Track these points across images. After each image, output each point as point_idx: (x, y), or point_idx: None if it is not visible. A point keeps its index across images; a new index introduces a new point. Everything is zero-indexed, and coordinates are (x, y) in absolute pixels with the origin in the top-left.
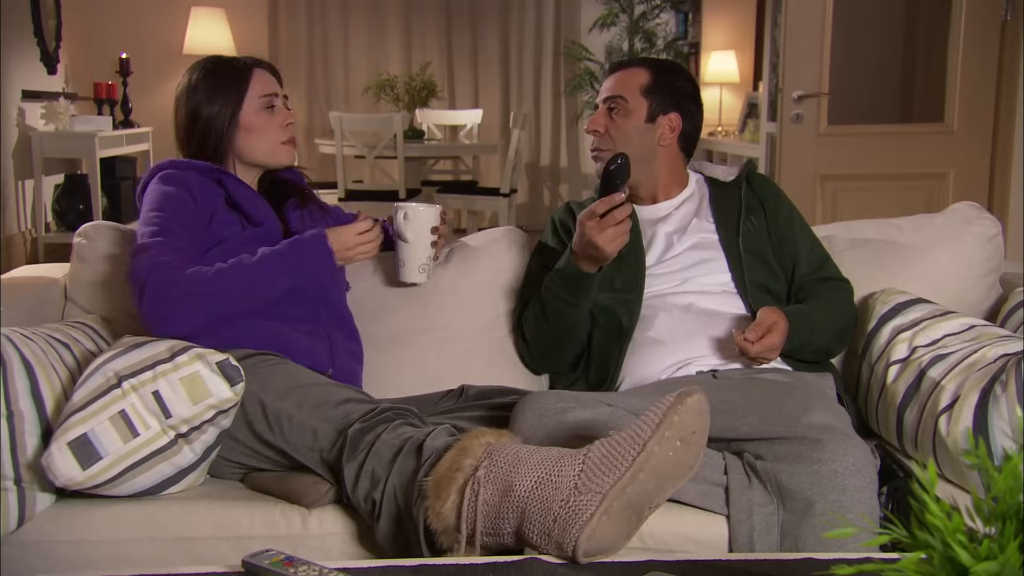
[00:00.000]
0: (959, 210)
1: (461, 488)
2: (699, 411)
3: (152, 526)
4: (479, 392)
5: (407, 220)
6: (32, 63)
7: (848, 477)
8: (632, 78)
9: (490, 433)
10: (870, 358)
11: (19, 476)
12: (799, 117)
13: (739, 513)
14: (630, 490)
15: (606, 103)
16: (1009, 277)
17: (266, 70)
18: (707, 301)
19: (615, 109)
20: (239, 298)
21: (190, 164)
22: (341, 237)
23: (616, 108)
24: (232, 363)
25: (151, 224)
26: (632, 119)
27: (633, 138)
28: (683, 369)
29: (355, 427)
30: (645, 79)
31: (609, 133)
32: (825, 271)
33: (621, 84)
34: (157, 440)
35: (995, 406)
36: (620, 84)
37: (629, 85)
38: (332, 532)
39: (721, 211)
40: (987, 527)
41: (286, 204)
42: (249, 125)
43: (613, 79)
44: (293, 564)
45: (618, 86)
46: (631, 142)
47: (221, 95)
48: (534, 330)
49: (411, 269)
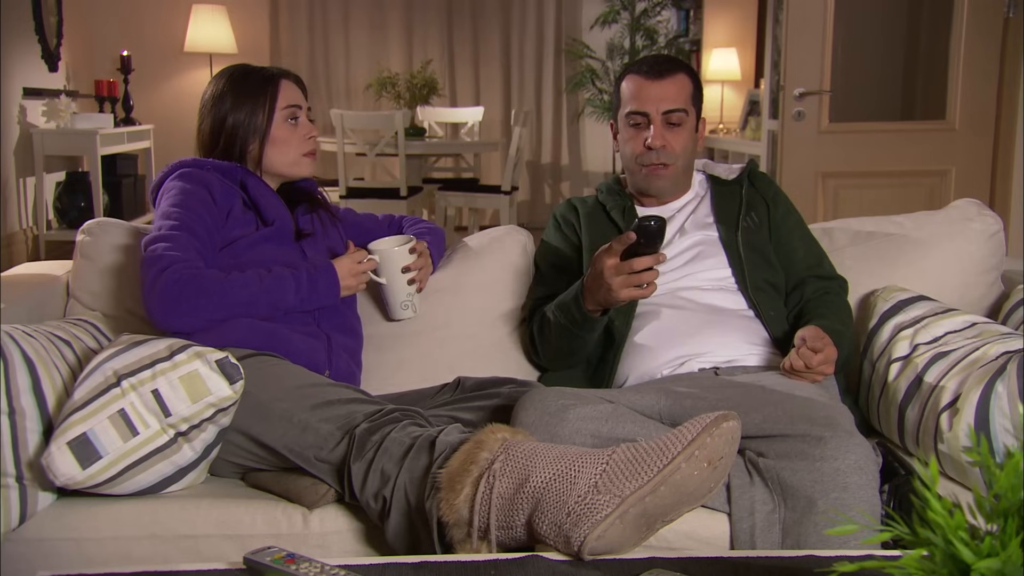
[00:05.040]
0: (960, 207)
1: (476, 481)
2: (731, 438)
3: (154, 524)
4: (476, 383)
5: (379, 262)
6: (33, 60)
7: (850, 475)
8: (684, 87)
9: (506, 429)
10: (871, 355)
11: (20, 473)
12: (800, 114)
13: (741, 511)
14: (649, 500)
15: (666, 116)
16: (1010, 274)
17: (292, 81)
18: (708, 297)
19: (676, 123)
20: (245, 305)
21: (212, 164)
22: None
23: (677, 121)
24: (231, 361)
25: (170, 218)
26: (686, 129)
27: (688, 149)
28: (685, 365)
29: (362, 427)
30: (690, 87)
31: (671, 146)
32: (822, 269)
33: (678, 95)
34: (157, 439)
35: (997, 403)
36: (677, 95)
37: (684, 95)
38: (333, 530)
39: (722, 209)
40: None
41: (298, 207)
42: (272, 136)
43: (665, 88)
44: (295, 561)
45: (676, 97)
46: (687, 153)
47: (248, 104)
48: (542, 343)
49: (394, 307)
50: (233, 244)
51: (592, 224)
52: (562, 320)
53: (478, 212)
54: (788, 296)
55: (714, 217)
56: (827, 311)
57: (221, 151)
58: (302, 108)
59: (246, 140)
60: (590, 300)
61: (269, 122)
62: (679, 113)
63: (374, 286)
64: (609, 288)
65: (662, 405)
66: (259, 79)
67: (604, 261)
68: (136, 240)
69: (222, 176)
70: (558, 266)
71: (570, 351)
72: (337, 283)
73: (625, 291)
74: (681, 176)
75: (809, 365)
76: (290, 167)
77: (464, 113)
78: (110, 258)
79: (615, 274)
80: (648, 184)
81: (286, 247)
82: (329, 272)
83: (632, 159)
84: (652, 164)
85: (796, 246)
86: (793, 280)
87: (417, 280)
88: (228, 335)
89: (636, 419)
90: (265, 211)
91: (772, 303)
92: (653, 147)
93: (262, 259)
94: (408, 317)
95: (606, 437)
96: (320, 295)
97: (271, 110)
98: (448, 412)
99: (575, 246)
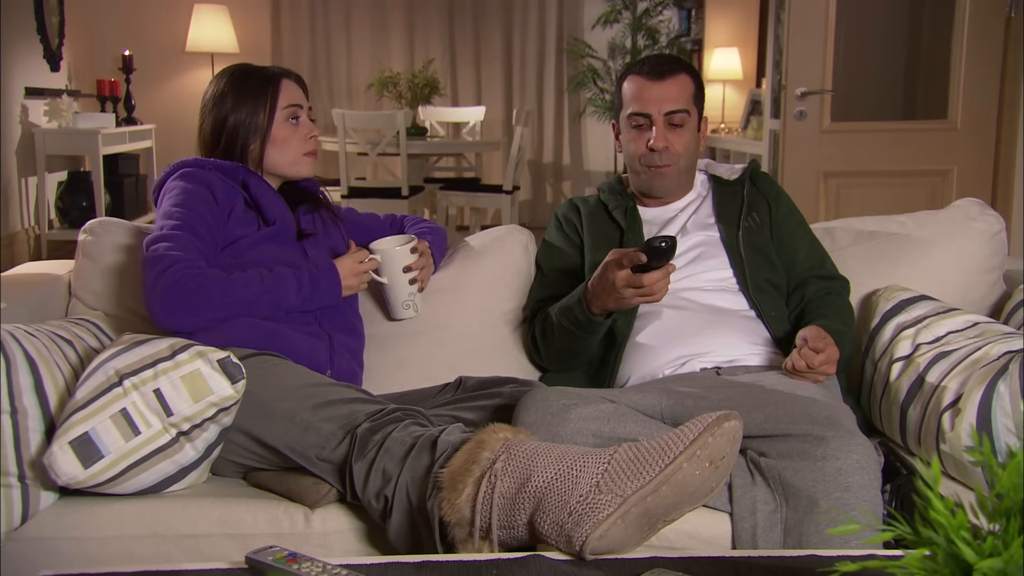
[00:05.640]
0: (962, 206)
1: (477, 480)
2: (733, 438)
3: (156, 523)
4: (477, 383)
5: (380, 262)
6: (35, 60)
7: (852, 474)
8: (685, 87)
9: (507, 429)
10: (873, 355)
11: (23, 473)
12: (802, 114)
13: (742, 510)
14: (651, 500)
15: (668, 117)
16: (1012, 274)
17: (293, 81)
18: (709, 298)
19: (679, 124)
20: (246, 304)
21: (214, 164)
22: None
23: (679, 122)
24: (233, 360)
25: (172, 218)
26: (688, 129)
27: (690, 149)
28: (686, 365)
29: (364, 427)
30: (692, 87)
31: (673, 147)
32: (824, 269)
33: (680, 95)
34: (158, 438)
35: (999, 403)
36: (679, 95)
37: (686, 96)
38: (335, 530)
39: (723, 209)
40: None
41: (300, 206)
42: (273, 136)
43: (666, 89)
44: (297, 560)
45: (678, 98)
46: (689, 153)
47: (249, 104)
48: (545, 345)
49: (395, 307)
50: (235, 244)
51: (594, 224)
52: (565, 323)
53: (479, 212)
54: (790, 296)
55: (716, 217)
56: (829, 311)
57: (222, 151)
58: (303, 108)
59: (247, 140)
60: (596, 304)
61: (270, 122)
62: (681, 114)
63: (375, 286)
64: (620, 296)
65: (664, 405)
66: (260, 79)
67: (615, 273)
68: (138, 240)
69: (224, 176)
70: (560, 266)
71: (572, 353)
72: (339, 283)
73: (637, 299)
74: (684, 176)
75: (811, 365)
76: (291, 167)
77: (466, 113)
78: (112, 258)
79: (626, 286)
80: (651, 184)
81: (288, 247)
82: (331, 272)
83: (635, 159)
84: (655, 164)
85: (798, 246)
86: (795, 280)
87: (419, 280)
88: (230, 335)
89: (638, 419)
90: (267, 211)
91: (774, 303)
92: (655, 148)
93: (263, 259)
94: (410, 317)
95: (608, 437)
96: (322, 295)
97: (272, 110)
98: (450, 412)
99: (577, 246)
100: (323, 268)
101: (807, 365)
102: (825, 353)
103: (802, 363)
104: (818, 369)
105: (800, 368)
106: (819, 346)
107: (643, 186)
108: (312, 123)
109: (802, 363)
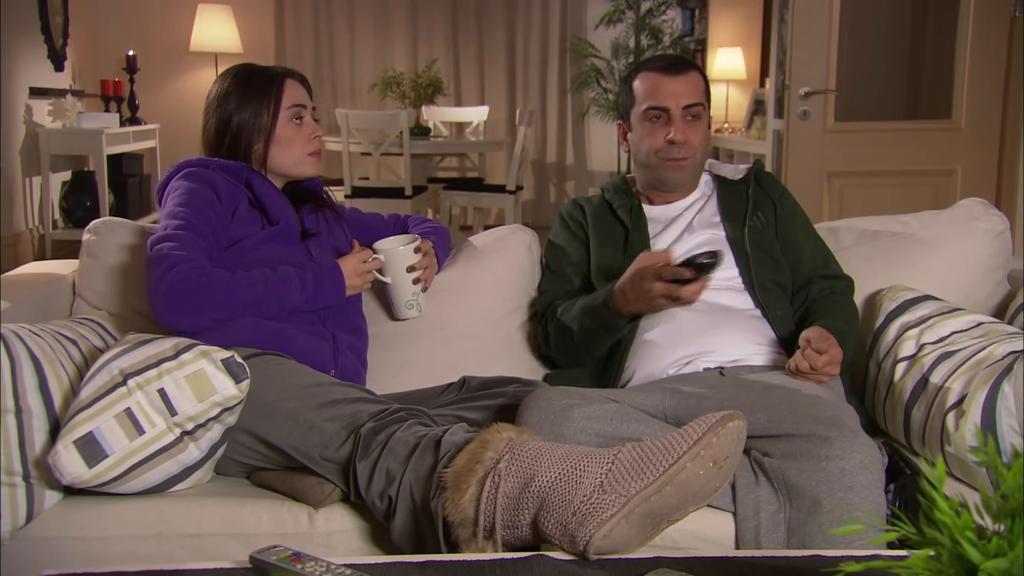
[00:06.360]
0: (966, 206)
1: (481, 480)
2: (737, 437)
3: (160, 523)
4: (481, 383)
5: (384, 262)
6: (39, 60)
7: (855, 474)
8: (697, 83)
9: (511, 428)
10: (877, 355)
11: (27, 472)
12: (806, 114)
13: (746, 510)
14: (654, 500)
15: (686, 110)
16: (1016, 274)
17: (297, 81)
18: (715, 297)
19: (696, 117)
20: (250, 304)
21: (218, 163)
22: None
23: (697, 115)
24: (237, 360)
25: (176, 218)
26: (703, 124)
27: (705, 143)
28: (690, 365)
29: (367, 426)
30: (703, 84)
31: (691, 141)
32: (828, 268)
33: (695, 90)
34: (163, 438)
35: (1003, 403)
36: (694, 90)
37: (699, 90)
38: (339, 530)
39: (728, 208)
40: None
41: (303, 206)
42: (277, 136)
43: (681, 84)
44: (300, 560)
45: (693, 92)
46: (704, 149)
47: (252, 104)
48: (560, 342)
49: (399, 306)
50: (238, 243)
51: (599, 222)
52: (589, 324)
53: (483, 211)
54: (794, 296)
55: (721, 216)
56: (833, 311)
57: (226, 150)
58: (307, 107)
59: (251, 139)
60: (626, 307)
61: (274, 122)
62: (698, 107)
63: (379, 285)
64: (654, 304)
65: (667, 405)
66: (264, 79)
67: (652, 284)
68: (142, 239)
69: (227, 175)
70: (569, 263)
71: (589, 351)
72: (342, 282)
73: (671, 306)
74: (698, 170)
75: (814, 367)
76: (295, 166)
77: (469, 112)
78: (116, 257)
79: (662, 295)
80: (667, 176)
81: (291, 246)
82: (334, 271)
83: (651, 154)
84: (674, 157)
85: (802, 246)
86: (799, 280)
87: (422, 279)
88: (234, 334)
89: (641, 419)
90: (271, 210)
91: (779, 303)
92: (675, 141)
93: (267, 258)
94: (413, 316)
95: (611, 437)
96: (325, 294)
97: (276, 110)
98: (453, 411)
99: (583, 242)
100: (327, 268)
101: (810, 366)
102: (828, 354)
103: (805, 364)
104: (821, 370)
105: (803, 369)
106: (822, 347)
107: (659, 178)
108: (316, 123)
109: (805, 364)
